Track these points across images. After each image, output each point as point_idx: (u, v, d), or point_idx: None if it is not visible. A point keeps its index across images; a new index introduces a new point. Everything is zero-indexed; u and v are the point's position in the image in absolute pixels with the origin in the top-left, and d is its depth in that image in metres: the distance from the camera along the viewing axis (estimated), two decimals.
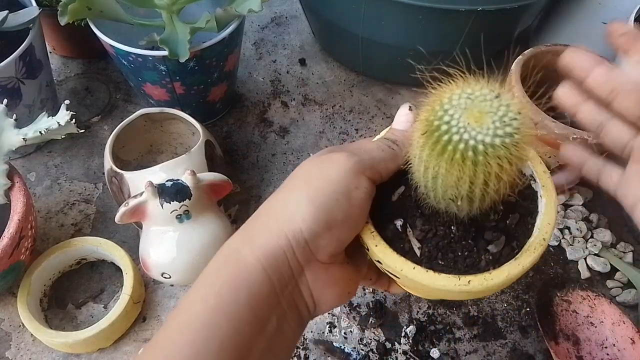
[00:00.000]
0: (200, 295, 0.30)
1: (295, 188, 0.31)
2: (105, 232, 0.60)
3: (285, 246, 0.30)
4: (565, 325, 0.54)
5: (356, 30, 0.66)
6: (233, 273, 0.30)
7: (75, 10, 0.54)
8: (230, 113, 0.72)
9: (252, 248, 0.30)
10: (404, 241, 0.33)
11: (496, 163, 0.27)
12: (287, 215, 0.30)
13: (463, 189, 0.28)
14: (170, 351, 0.28)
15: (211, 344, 0.28)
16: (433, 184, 0.30)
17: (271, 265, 0.30)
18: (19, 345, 0.54)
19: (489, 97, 0.27)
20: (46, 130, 0.51)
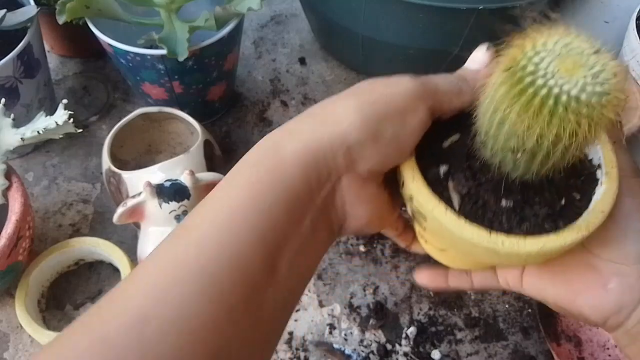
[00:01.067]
0: (243, 181, 0.29)
1: (345, 97, 0.31)
2: (103, 232, 0.60)
3: (327, 147, 0.29)
4: (567, 326, 0.53)
5: (356, 29, 0.66)
6: (271, 165, 0.29)
7: (73, 9, 0.54)
8: (230, 112, 0.72)
9: (292, 143, 0.29)
10: (443, 189, 0.31)
11: (575, 120, 0.25)
12: (334, 119, 0.29)
13: (530, 140, 0.26)
14: (205, 232, 0.27)
15: (244, 228, 0.27)
16: (497, 129, 0.28)
17: (310, 164, 0.29)
18: (17, 346, 0.53)
19: (587, 51, 0.25)
20: (44, 130, 0.51)
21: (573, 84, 0.25)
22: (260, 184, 0.28)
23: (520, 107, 0.26)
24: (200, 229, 0.27)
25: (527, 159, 0.28)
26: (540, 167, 0.28)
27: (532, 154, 0.27)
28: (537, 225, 0.30)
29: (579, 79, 0.25)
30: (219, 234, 0.27)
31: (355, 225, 0.32)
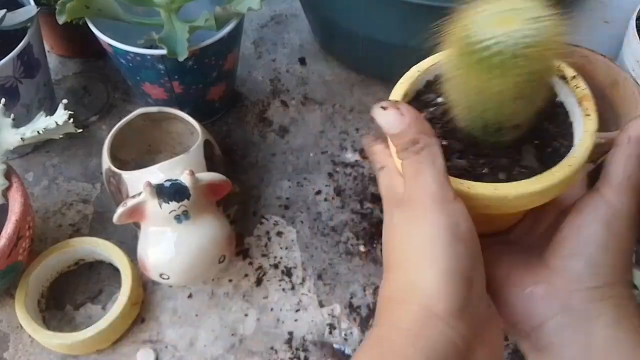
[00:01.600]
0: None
1: (415, 267, 0.29)
2: (103, 232, 0.60)
3: (446, 328, 0.27)
4: None
5: (356, 29, 0.66)
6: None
7: (73, 9, 0.54)
8: (230, 112, 0.72)
9: (410, 340, 0.27)
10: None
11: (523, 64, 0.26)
12: (429, 296, 0.28)
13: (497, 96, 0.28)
14: None
15: None
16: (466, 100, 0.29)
17: (436, 356, 0.27)
18: (16, 346, 0.53)
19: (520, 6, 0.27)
20: (44, 130, 0.51)
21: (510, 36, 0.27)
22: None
23: (476, 71, 0.27)
24: None
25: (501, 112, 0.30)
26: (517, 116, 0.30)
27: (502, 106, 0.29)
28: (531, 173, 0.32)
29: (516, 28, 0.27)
30: None
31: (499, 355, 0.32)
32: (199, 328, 0.55)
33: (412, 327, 0.27)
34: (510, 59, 0.26)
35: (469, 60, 0.27)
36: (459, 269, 0.28)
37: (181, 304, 0.56)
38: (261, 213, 0.62)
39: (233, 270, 0.58)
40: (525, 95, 0.28)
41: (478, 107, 0.30)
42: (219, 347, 0.53)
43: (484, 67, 0.27)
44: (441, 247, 0.28)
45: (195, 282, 0.56)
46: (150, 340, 0.54)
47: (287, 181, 0.65)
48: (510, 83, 0.27)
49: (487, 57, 0.26)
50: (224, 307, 0.56)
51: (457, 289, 0.28)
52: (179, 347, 0.53)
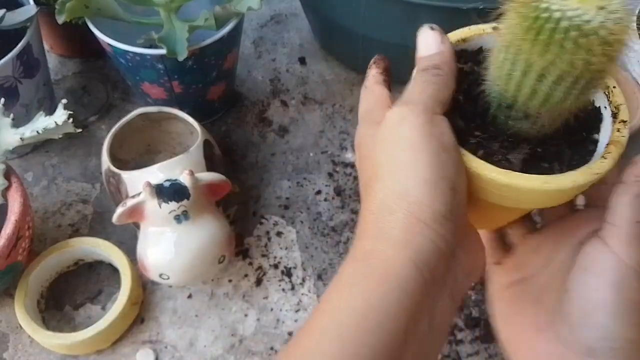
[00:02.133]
0: (345, 298, 0.27)
1: (396, 166, 0.29)
2: (103, 232, 0.60)
3: (431, 233, 0.27)
4: None
5: (356, 29, 0.66)
6: (381, 275, 0.27)
7: (72, 9, 0.54)
8: (229, 112, 0.72)
9: (396, 247, 0.27)
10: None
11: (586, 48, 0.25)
12: (415, 203, 0.28)
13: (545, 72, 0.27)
14: (316, 357, 0.25)
15: (362, 351, 0.25)
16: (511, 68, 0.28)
17: (422, 259, 0.27)
18: (16, 346, 0.53)
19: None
20: (43, 130, 0.51)
21: (581, 12, 0.25)
22: (373, 300, 0.26)
23: (542, 44, 0.26)
24: (312, 357, 0.26)
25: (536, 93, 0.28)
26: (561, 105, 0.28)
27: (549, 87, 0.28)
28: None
29: (588, 9, 0.25)
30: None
31: (474, 279, 0.31)
32: (198, 328, 0.54)
33: (400, 236, 0.27)
34: (582, 37, 0.25)
35: (532, 27, 0.26)
36: (445, 177, 0.28)
37: (181, 304, 0.56)
38: (261, 213, 0.62)
39: (233, 271, 0.58)
40: (572, 82, 0.27)
41: (516, 80, 0.28)
42: (219, 347, 0.53)
43: (546, 38, 0.25)
44: (427, 155, 0.28)
45: (195, 282, 0.56)
46: (149, 340, 0.54)
47: (287, 181, 0.65)
48: (566, 62, 0.26)
49: (558, 29, 0.25)
50: (223, 307, 0.56)
51: (442, 197, 0.28)
52: (178, 348, 0.53)
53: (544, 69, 0.27)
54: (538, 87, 0.28)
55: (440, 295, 0.28)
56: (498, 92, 0.31)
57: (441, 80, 0.31)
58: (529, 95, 0.28)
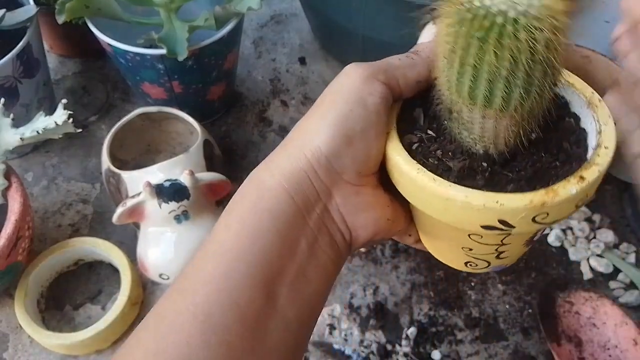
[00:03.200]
0: (223, 223, 0.29)
1: (312, 112, 0.31)
2: (103, 232, 0.60)
3: (306, 167, 0.29)
4: (568, 326, 0.53)
5: (356, 29, 0.66)
6: (255, 198, 0.29)
7: (72, 9, 0.54)
8: (229, 112, 0.72)
9: (272, 173, 0.30)
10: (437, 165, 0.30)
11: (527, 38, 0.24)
12: (305, 137, 0.30)
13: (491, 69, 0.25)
14: (198, 277, 0.28)
15: (238, 267, 0.27)
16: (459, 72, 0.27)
17: (293, 187, 0.29)
18: (16, 346, 0.53)
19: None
20: (43, 130, 0.51)
21: (510, 5, 0.24)
22: (247, 220, 0.29)
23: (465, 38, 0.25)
24: (193, 276, 0.28)
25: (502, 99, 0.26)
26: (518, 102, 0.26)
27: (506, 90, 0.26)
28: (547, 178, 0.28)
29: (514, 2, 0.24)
30: (212, 281, 0.27)
31: (364, 235, 0.32)
32: None
33: (281, 165, 0.29)
34: (510, 27, 0.24)
35: (464, 28, 0.25)
36: (344, 125, 0.29)
37: None
38: None
39: None
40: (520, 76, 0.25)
41: (445, 76, 0.28)
42: None
43: (479, 36, 0.25)
44: (341, 103, 0.29)
45: None
46: None
47: None
48: (505, 57, 0.25)
49: (486, 24, 0.24)
50: None
51: (331, 139, 0.29)
52: None
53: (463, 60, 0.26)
54: (476, 84, 0.26)
55: (313, 223, 0.30)
56: (445, 93, 0.30)
57: (409, 61, 0.32)
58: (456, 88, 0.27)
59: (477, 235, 0.30)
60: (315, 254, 0.30)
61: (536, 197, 0.26)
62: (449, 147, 0.30)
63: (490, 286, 0.57)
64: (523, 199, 0.26)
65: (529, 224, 0.27)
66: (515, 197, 0.26)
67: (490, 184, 0.28)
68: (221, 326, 0.26)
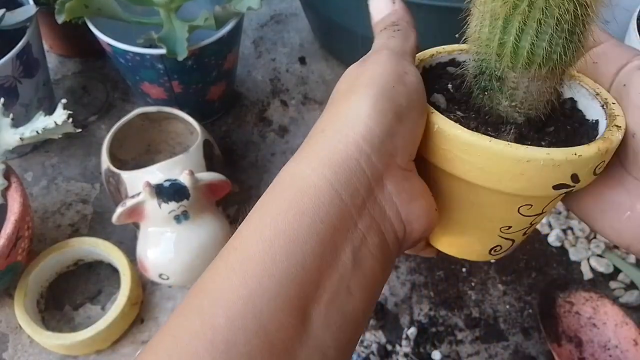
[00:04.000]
0: (253, 228, 0.25)
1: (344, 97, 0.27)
2: (102, 232, 0.60)
3: (357, 152, 0.25)
4: (568, 326, 0.53)
5: (356, 28, 0.66)
6: (292, 197, 0.24)
7: (72, 9, 0.54)
8: (229, 112, 0.72)
9: (312, 165, 0.25)
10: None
11: None
12: (349, 118, 0.25)
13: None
14: (220, 294, 0.23)
15: (268, 285, 0.23)
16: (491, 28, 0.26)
17: (341, 180, 0.24)
18: (16, 347, 0.53)
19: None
20: (43, 130, 0.51)
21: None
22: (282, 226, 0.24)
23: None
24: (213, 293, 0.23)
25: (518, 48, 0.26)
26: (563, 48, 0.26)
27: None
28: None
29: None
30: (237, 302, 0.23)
31: (418, 229, 0.28)
32: None
33: (322, 153, 0.25)
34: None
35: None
36: (391, 101, 0.26)
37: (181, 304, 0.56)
38: None
39: None
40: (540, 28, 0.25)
41: (484, 37, 0.27)
42: None
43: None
44: (380, 84, 0.26)
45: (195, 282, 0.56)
46: (149, 340, 0.54)
47: None
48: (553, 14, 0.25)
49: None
50: None
51: (381, 117, 0.25)
52: None
53: (506, 14, 0.25)
54: (505, 40, 0.26)
55: (363, 223, 0.25)
56: (472, 61, 0.29)
57: (401, 34, 0.30)
58: (497, 49, 0.27)
59: (527, 205, 0.30)
60: (362, 261, 0.25)
61: (602, 145, 0.26)
62: (491, 120, 0.29)
63: (490, 286, 0.57)
64: (593, 148, 0.26)
65: (590, 177, 0.28)
66: (587, 147, 0.26)
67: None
68: (244, 356, 0.22)
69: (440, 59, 0.35)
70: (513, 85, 0.28)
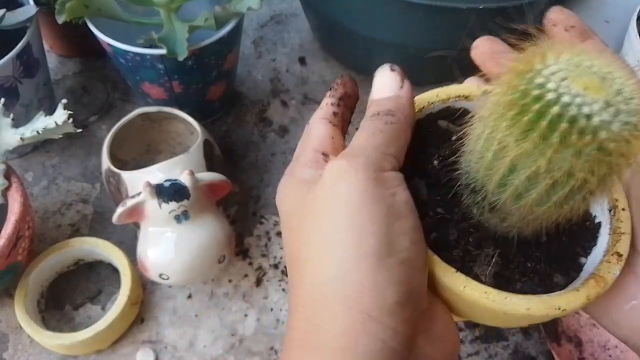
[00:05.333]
0: None
1: (327, 251, 0.22)
2: (103, 232, 0.60)
3: (381, 331, 0.21)
4: (568, 326, 0.53)
5: (356, 29, 0.66)
6: None
7: (72, 9, 0.54)
8: (229, 112, 0.72)
9: (330, 354, 0.21)
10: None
11: (596, 157, 0.19)
12: (352, 288, 0.21)
13: (530, 176, 0.20)
14: None
15: None
16: (492, 161, 0.22)
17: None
18: (16, 346, 0.53)
19: (595, 68, 0.20)
20: (43, 130, 0.51)
21: (597, 105, 0.19)
22: None
23: (521, 128, 0.20)
24: None
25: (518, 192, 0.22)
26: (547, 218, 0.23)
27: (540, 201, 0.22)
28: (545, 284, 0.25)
29: (604, 99, 0.19)
30: None
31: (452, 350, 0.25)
32: (198, 328, 0.54)
33: (337, 340, 0.21)
34: (575, 134, 0.19)
35: (516, 103, 0.20)
36: (394, 251, 0.22)
37: (181, 304, 0.56)
38: (261, 213, 0.62)
39: (233, 271, 0.58)
40: (550, 185, 0.21)
41: (486, 162, 0.23)
42: (219, 347, 0.53)
43: (528, 121, 0.20)
44: (371, 224, 0.21)
45: (195, 282, 0.56)
46: (149, 340, 0.54)
47: None
48: (545, 157, 0.20)
49: (547, 113, 0.19)
50: (223, 307, 0.56)
51: (391, 277, 0.21)
52: (178, 348, 0.53)
53: (517, 157, 0.21)
54: (509, 179, 0.22)
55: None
56: (468, 169, 0.25)
57: (393, 129, 0.25)
58: (497, 185, 0.23)
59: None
60: None
61: (591, 292, 0.24)
62: (474, 234, 0.26)
63: None
64: (580, 298, 0.24)
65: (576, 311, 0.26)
66: (573, 297, 0.24)
67: (524, 274, 0.25)
68: None
69: (432, 108, 0.30)
70: (508, 211, 0.24)
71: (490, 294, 0.23)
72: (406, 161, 0.26)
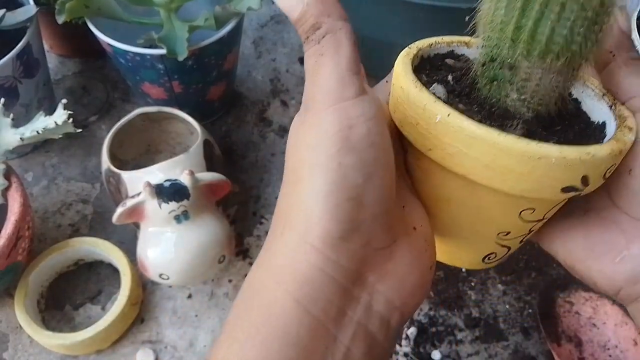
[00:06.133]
0: (222, 356, 0.23)
1: (296, 177, 0.23)
2: (103, 232, 0.60)
3: (320, 261, 0.22)
4: (568, 326, 0.53)
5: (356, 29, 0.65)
6: (259, 318, 0.22)
7: (72, 9, 0.54)
8: (229, 112, 0.72)
9: (276, 278, 0.22)
10: None
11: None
12: (304, 222, 0.22)
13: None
14: None
15: None
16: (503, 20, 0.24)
17: (307, 295, 0.22)
18: (16, 346, 0.53)
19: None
20: (43, 130, 0.51)
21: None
22: (250, 353, 0.22)
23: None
24: None
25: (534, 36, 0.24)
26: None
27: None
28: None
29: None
30: None
31: (415, 302, 0.25)
32: (198, 328, 0.54)
33: (283, 263, 0.22)
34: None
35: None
36: (343, 187, 0.22)
37: (181, 304, 0.56)
38: (261, 213, 0.62)
39: (233, 270, 0.58)
40: (562, 11, 0.23)
41: (499, 19, 0.25)
42: None
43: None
44: (324, 159, 0.22)
45: (195, 282, 0.56)
46: (149, 340, 0.54)
47: None
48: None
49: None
50: (223, 307, 0.56)
51: (338, 212, 0.22)
52: (178, 348, 0.53)
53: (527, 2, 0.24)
54: (523, 23, 0.24)
55: (344, 333, 0.23)
56: (482, 48, 0.27)
57: (329, 42, 0.24)
58: (513, 32, 0.25)
59: (530, 209, 0.28)
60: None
61: (615, 145, 0.25)
62: (496, 114, 0.27)
63: (490, 286, 0.57)
64: (606, 148, 0.24)
65: (599, 181, 0.26)
66: (600, 147, 0.24)
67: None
68: None
69: (438, 49, 0.33)
70: (525, 77, 0.26)
71: (524, 139, 0.24)
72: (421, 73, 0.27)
